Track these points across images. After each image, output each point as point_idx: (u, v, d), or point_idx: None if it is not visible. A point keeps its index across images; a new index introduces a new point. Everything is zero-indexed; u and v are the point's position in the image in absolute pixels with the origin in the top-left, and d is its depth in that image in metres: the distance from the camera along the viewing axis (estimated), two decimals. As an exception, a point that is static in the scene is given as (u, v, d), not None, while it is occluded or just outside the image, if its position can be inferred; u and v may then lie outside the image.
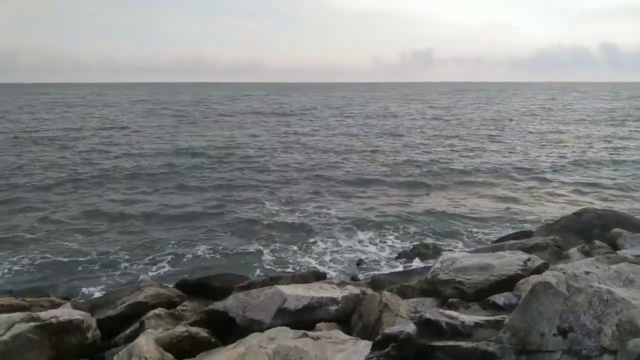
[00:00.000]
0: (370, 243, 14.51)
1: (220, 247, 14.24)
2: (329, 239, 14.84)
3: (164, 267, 12.86)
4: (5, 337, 5.97)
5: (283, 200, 19.41)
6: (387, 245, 14.29)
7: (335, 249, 14.10)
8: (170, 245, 14.29)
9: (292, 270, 12.22)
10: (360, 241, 14.68)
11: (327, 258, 13.45)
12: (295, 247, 14.26)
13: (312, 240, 14.83)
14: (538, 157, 28.78)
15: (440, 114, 60.06)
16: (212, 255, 13.77)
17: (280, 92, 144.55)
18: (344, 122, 49.80)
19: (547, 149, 31.82)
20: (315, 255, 13.67)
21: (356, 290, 7.60)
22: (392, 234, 15.23)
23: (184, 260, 13.32)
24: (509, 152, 30.44)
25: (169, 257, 13.47)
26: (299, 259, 13.40)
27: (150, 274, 12.10)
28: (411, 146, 33.28)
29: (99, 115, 59.29)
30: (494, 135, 38.53)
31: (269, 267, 12.96)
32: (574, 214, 13.20)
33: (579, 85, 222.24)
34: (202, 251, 13.99)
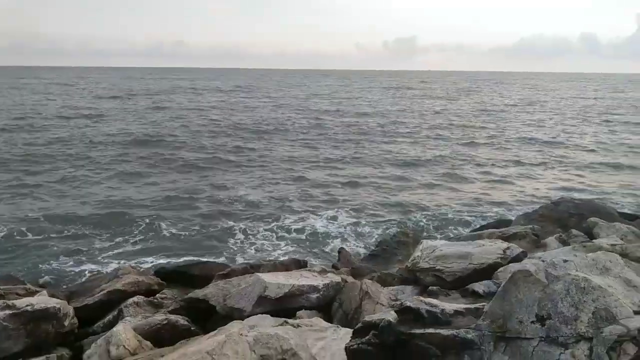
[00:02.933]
0: (350, 230, 14.56)
1: (196, 232, 14.33)
2: (308, 225, 14.88)
3: (142, 253, 12.75)
4: (-22, 326, 5.84)
5: (256, 183, 19.48)
6: (367, 233, 14.34)
7: (314, 235, 14.14)
8: (147, 231, 14.21)
9: (272, 258, 12.22)
10: (339, 228, 14.74)
11: (307, 244, 13.49)
12: (272, 233, 14.29)
13: (289, 225, 14.88)
14: (517, 146, 29.15)
15: (426, 104, 60.49)
16: (189, 239, 13.83)
17: (269, 80, 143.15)
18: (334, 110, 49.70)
19: (527, 138, 32.23)
20: (294, 241, 13.70)
21: (337, 279, 7.61)
22: (372, 221, 15.30)
23: (162, 246, 13.27)
24: (489, 142, 30.75)
25: (147, 244, 13.39)
26: (276, 245, 13.44)
27: (128, 261, 11.99)
28: (392, 135, 33.41)
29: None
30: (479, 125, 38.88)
31: (245, 251, 13.06)
32: (551, 203, 13.41)
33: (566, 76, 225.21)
34: (179, 236, 14.00)
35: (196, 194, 18.06)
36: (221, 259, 12.15)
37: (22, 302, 6.30)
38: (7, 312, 6.06)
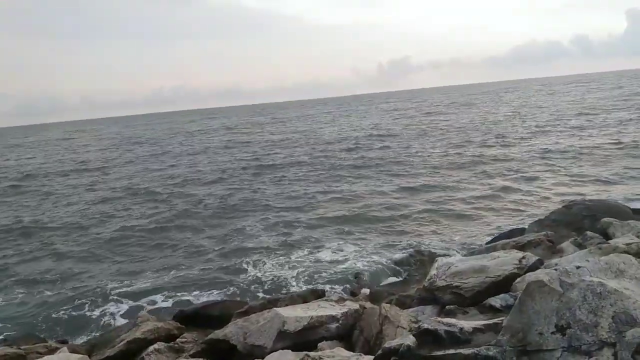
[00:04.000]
0: (364, 256, 14.48)
1: (209, 270, 14.30)
2: (321, 255, 14.82)
3: (159, 299, 12.74)
4: (2, 389, 5.86)
5: (263, 219, 19.46)
6: (381, 257, 14.26)
7: (328, 264, 14.06)
8: (162, 275, 14.21)
9: (288, 291, 12.16)
10: (352, 255, 14.66)
11: (321, 273, 13.42)
12: (285, 266, 14.25)
13: (303, 257, 14.80)
14: (522, 154, 29.09)
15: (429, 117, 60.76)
16: (203, 277, 13.82)
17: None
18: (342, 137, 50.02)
19: (531, 142, 32.18)
20: (308, 272, 13.62)
21: (355, 306, 7.57)
22: (385, 245, 15.22)
23: (177, 289, 13.22)
24: (493, 152, 30.73)
25: (162, 289, 13.37)
26: (291, 277, 13.38)
27: (146, 308, 11.99)
28: (395, 151, 33.51)
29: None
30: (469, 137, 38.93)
31: (259, 286, 13.02)
32: (563, 206, 13.29)
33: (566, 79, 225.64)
34: (192, 275, 14.01)
35: (205, 232, 18.16)
36: (237, 297, 12.14)
37: (43, 361, 6.33)
38: (30, 372, 6.08)
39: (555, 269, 3.92)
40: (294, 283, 12.99)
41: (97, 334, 10.34)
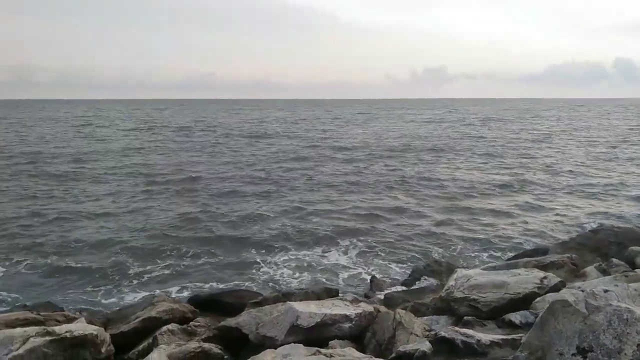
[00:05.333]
0: (380, 260, 14.42)
1: (224, 261, 14.50)
2: (336, 255, 14.82)
3: (175, 282, 12.92)
4: (20, 351, 6.00)
5: (282, 215, 19.53)
6: (398, 263, 14.18)
7: (343, 265, 14.06)
8: (182, 259, 14.43)
9: (303, 286, 12.18)
10: (369, 258, 14.60)
11: (339, 274, 13.41)
12: (303, 261, 14.30)
13: (321, 254, 14.85)
14: (553, 172, 28.51)
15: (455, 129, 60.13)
16: (217, 267, 14.03)
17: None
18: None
19: (562, 164, 31.53)
20: (322, 271, 13.64)
21: (369, 308, 7.53)
22: (403, 252, 15.12)
23: (193, 276, 13.42)
24: (522, 168, 30.19)
25: (182, 272, 13.59)
26: (306, 275, 13.40)
27: (163, 289, 12.17)
28: (421, 160, 33.22)
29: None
30: (496, 152, 38.31)
31: (272, 280, 13.13)
32: (590, 231, 13.03)
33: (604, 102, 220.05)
34: (207, 264, 14.21)
35: (222, 228, 18.09)
36: (249, 287, 12.24)
37: (61, 329, 6.46)
38: (47, 338, 6.22)
39: (582, 291, 3.83)
40: (308, 281, 13.01)
41: (114, 309, 10.53)
